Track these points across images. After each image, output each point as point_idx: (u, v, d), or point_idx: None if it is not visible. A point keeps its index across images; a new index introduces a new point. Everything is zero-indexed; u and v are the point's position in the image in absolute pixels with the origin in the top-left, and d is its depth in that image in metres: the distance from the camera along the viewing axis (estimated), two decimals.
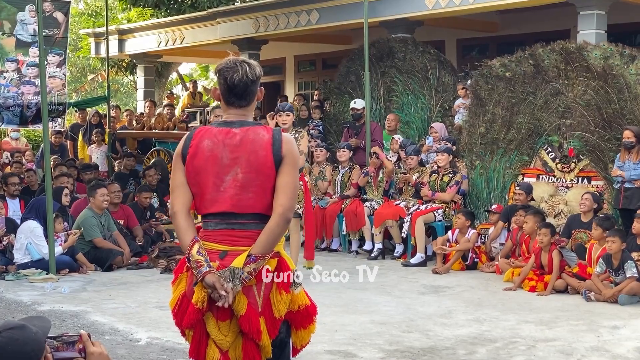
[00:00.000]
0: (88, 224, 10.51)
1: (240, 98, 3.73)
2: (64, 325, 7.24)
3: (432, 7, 13.29)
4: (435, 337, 6.87)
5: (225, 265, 3.59)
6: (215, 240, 3.68)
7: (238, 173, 3.65)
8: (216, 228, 3.70)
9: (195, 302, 3.59)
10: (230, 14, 17.10)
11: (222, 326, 3.62)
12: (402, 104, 13.64)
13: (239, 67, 3.69)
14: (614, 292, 8.16)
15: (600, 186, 10.58)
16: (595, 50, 10.79)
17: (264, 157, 3.64)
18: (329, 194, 12.20)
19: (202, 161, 3.68)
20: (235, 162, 3.65)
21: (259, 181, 3.64)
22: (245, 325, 3.59)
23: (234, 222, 3.67)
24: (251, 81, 3.70)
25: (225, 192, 3.65)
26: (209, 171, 3.67)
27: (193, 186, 3.72)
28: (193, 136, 3.74)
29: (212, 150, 3.67)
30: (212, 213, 3.70)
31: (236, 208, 3.65)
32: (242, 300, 3.58)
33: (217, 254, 3.65)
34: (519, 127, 11.34)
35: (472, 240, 10.25)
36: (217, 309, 3.58)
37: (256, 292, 3.63)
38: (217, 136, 3.69)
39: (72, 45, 27.10)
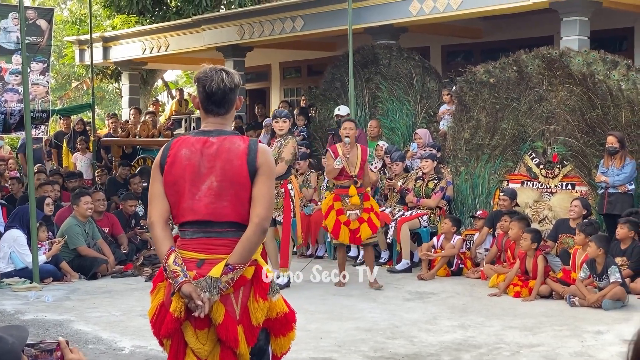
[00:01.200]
0: (72, 232, 10.47)
1: (218, 106, 3.77)
2: (47, 334, 7.19)
3: (417, 14, 13.33)
4: (420, 344, 6.87)
5: (202, 274, 3.59)
6: (193, 249, 3.69)
7: (213, 182, 3.66)
8: (193, 237, 3.71)
9: (173, 312, 3.60)
10: (215, 21, 17.10)
11: (200, 335, 3.63)
12: (387, 110, 13.66)
13: (217, 75, 3.74)
14: (598, 298, 8.18)
15: (584, 192, 10.62)
16: (578, 56, 10.84)
17: (238, 166, 3.66)
18: (314, 201, 12.20)
19: (180, 170, 3.70)
20: (211, 171, 3.67)
21: (234, 190, 3.66)
22: (223, 333, 3.59)
23: (210, 230, 3.68)
24: (229, 89, 3.74)
25: (201, 200, 3.67)
26: (186, 179, 3.69)
27: (171, 195, 3.74)
28: (171, 146, 3.77)
29: (189, 159, 3.70)
30: (189, 221, 3.71)
31: (212, 216, 3.67)
32: (220, 309, 3.59)
33: (195, 262, 3.66)
34: (503, 133, 11.38)
35: (457, 246, 10.26)
36: (195, 317, 3.58)
37: (234, 300, 3.63)
38: (194, 145, 3.72)
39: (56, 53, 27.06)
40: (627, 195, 9.96)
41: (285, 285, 9.51)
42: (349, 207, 9.28)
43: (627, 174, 9.89)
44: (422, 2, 13.18)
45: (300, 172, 12.38)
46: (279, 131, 9.60)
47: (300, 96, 18.57)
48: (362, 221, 9.28)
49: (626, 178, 9.89)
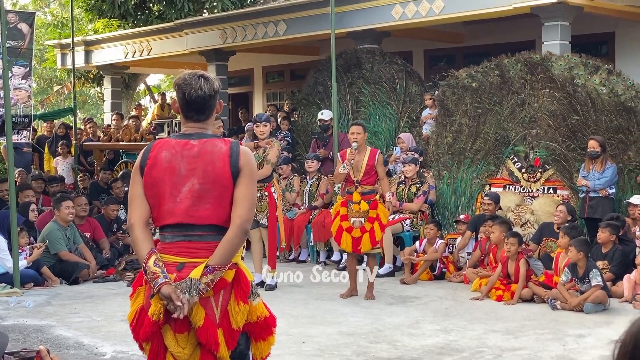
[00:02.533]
0: (53, 237, 10.41)
1: (198, 113, 3.77)
2: (28, 339, 7.15)
3: (399, 18, 13.35)
4: (403, 348, 6.88)
5: (182, 277, 3.58)
6: (173, 253, 3.68)
7: (195, 184, 3.66)
8: (173, 240, 3.70)
9: (152, 315, 3.59)
10: (198, 25, 17.06)
11: (179, 339, 3.62)
12: (369, 114, 13.66)
13: (196, 82, 3.73)
14: (580, 301, 8.22)
15: (565, 195, 10.67)
16: (560, 60, 10.90)
17: (221, 168, 3.65)
18: (297, 205, 12.20)
19: (160, 172, 3.69)
20: (193, 173, 3.66)
21: (216, 192, 3.66)
22: (203, 336, 3.58)
23: (191, 233, 3.68)
24: (209, 96, 3.74)
25: (182, 203, 3.66)
26: (166, 182, 3.68)
27: (151, 198, 3.73)
28: (151, 148, 3.76)
29: (170, 161, 3.69)
30: (169, 225, 3.70)
31: (193, 219, 3.66)
32: (200, 312, 3.58)
33: (175, 266, 3.64)
34: (485, 137, 11.42)
35: (439, 250, 10.28)
36: (174, 321, 3.58)
37: (214, 304, 3.62)
38: (175, 147, 3.71)
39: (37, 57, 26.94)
40: (608, 199, 10.02)
41: (273, 287, 9.52)
42: (354, 213, 9.02)
43: (608, 178, 9.94)
44: (405, 6, 13.21)
45: (283, 177, 12.38)
46: (260, 135, 9.61)
47: (283, 100, 18.55)
48: (365, 231, 8.96)
49: (607, 182, 9.95)
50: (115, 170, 16.00)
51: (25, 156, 16.53)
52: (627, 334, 2.00)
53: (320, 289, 9.57)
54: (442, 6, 12.74)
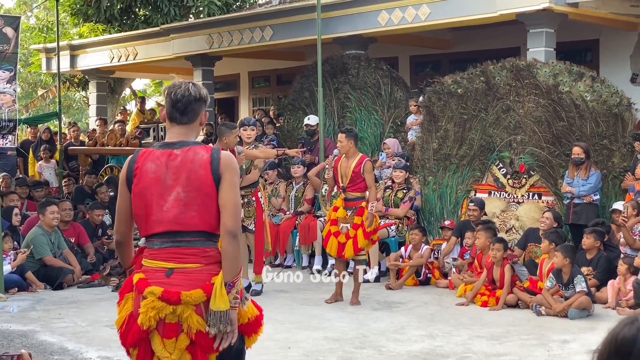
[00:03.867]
0: (37, 241, 10.35)
1: (182, 114, 3.86)
2: (12, 345, 7.11)
3: (385, 24, 13.38)
4: (388, 353, 6.89)
5: (172, 284, 3.68)
6: (161, 259, 3.76)
7: (180, 192, 3.75)
8: (162, 246, 3.78)
9: (141, 324, 3.67)
10: (184, 30, 17.04)
11: (167, 344, 3.70)
12: (355, 119, 13.68)
13: (184, 85, 3.87)
14: (564, 307, 8.25)
15: (550, 202, 10.72)
16: (545, 67, 10.96)
17: (203, 176, 3.75)
18: (282, 210, 12.19)
19: (146, 184, 3.79)
20: (177, 182, 3.76)
21: (200, 200, 3.75)
22: (205, 342, 3.70)
23: (179, 240, 3.76)
24: (194, 98, 3.85)
25: (169, 211, 3.76)
26: (152, 193, 3.78)
27: (138, 209, 3.82)
28: (136, 160, 3.86)
29: (155, 172, 3.79)
30: (158, 233, 3.78)
31: (181, 226, 3.75)
32: (193, 316, 3.69)
33: (164, 271, 3.74)
34: (471, 143, 11.45)
35: (425, 256, 10.30)
36: (162, 326, 3.68)
37: (203, 309, 3.72)
38: (159, 158, 3.81)
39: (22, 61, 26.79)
40: (593, 205, 10.07)
41: (259, 292, 9.52)
42: (342, 219, 9.08)
43: (592, 184, 10.00)
44: (391, 12, 13.25)
45: (269, 182, 12.38)
46: (246, 139, 9.61)
47: (269, 105, 18.55)
48: (349, 237, 8.98)
49: (591, 188, 10.00)
50: (101, 175, 15.95)
51: (10, 160, 16.46)
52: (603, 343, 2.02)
53: (306, 294, 9.57)
54: (428, 12, 12.78)
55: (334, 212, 9.18)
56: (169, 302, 3.67)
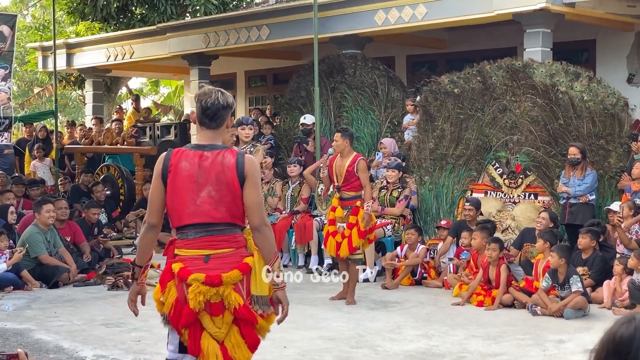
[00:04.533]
0: (33, 240, 10.34)
1: (211, 120, 4.36)
2: (8, 343, 7.10)
3: (382, 24, 13.38)
4: (384, 353, 6.88)
5: (210, 268, 4.22)
6: (197, 247, 4.29)
7: (211, 190, 4.28)
8: (196, 236, 4.30)
9: (193, 308, 4.19)
10: (180, 28, 17.02)
11: (216, 320, 4.23)
12: (352, 119, 13.68)
13: (215, 93, 4.37)
14: (560, 307, 8.26)
15: (546, 202, 10.73)
16: (541, 67, 10.96)
17: (231, 177, 4.28)
18: (279, 210, 12.18)
19: (181, 180, 4.30)
20: (208, 181, 4.28)
21: (229, 197, 4.29)
22: (244, 313, 4.25)
23: (212, 229, 4.29)
24: (222, 106, 4.36)
25: (202, 206, 4.28)
26: (187, 189, 4.29)
27: (173, 202, 4.32)
28: (170, 157, 4.35)
29: (189, 170, 4.29)
30: (192, 224, 4.30)
31: (213, 219, 4.28)
32: (234, 295, 4.22)
33: (201, 258, 4.27)
34: (467, 143, 11.46)
35: (421, 256, 10.30)
36: (209, 306, 4.22)
37: (241, 287, 4.28)
38: (192, 158, 4.31)
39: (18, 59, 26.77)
40: (589, 205, 10.08)
41: None
42: (339, 219, 9.08)
43: (588, 184, 10.00)
44: (388, 12, 13.24)
45: (265, 181, 12.37)
46: (244, 138, 9.58)
47: (266, 105, 18.54)
48: (344, 237, 9.00)
49: (587, 188, 10.01)
50: (97, 174, 15.94)
51: (8, 158, 16.44)
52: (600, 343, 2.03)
53: (302, 294, 9.56)
54: (425, 12, 12.78)
55: (332, 212, 9.20)
56: (213, 285, 4.18)
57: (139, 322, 8.02)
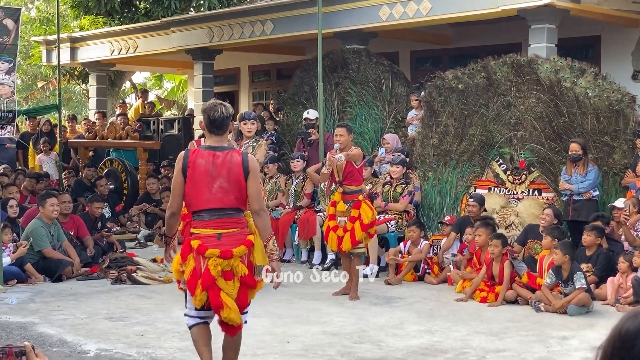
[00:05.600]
0: (37, 234, 10.34)
1: (218, 128, 5.58)
2: (11, 336, 7.11)
3: (386, 19, 13.36)
4: (387, 348, 6.88)
5: (222, 244, 5.40)
6: (211, 227, 5.46)
7: (223, 182, 5.46)
8: (211, 218, 5.48)
9: (215, 275, 5.35)
10: (185, 23, 17.02)
11: (229, 283, 5.42)
12: (355, 115, 13.67)
13: (220, 107, 5.54)
14: (564, 303, 8.25)
15: (550, 198, 10.71)
16: (546, 63, 10.93)
17: (237, 172, 5.48)
18: (282, 205, 12.17)
19: (198, 174, 5.47)
20: (219, 175, 5.46)
21: (236, 188, 5.48)
22: (248, 280, 5.48)
23: (223, 213, 5.48)
24: (226, 117, 5.55)
25: (216, 194, 5.45)
26: (203, 181, 5.46)
27: (192, 190, 5.47)
28: (189, 156, 5.53)
29: (204, 166, 5.47)
30: (207, 209, 5.47)
31: (224, 204, 5.47)
32: (241, 265, 5.43)
33: (215, 236, 5.43)
34: (471, 138, 11.44)
35: (424, 251, 10.29)
36: (223, 274, 5.38)
37: (245, 259, 5.49)
38: (207, 157, 5.50)
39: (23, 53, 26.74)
40: (592, 201, 10.06)
41: None
42: (339, 213, 9.10)
43: (591, 180, 9.99)
44: (392, 7, 13.22)
45: (269, 176, 12.37)
46: (247, 133, 9.58)
47: (269, 100, 18.53)
48: (346, 230, 9.00)
49: (590, 185, 9.99)
50: (100, 168, 15.94)
51: (8, 152, 16.45)
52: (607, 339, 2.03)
53: (304, 289, 9.57)
54: (429, 7, 12.76)
55: (332, 207, 9.21)
56: (226, 257, 5.38)
57: (142, 316, 8.04)
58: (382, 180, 11.49)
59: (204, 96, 17.00)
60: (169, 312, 8.16)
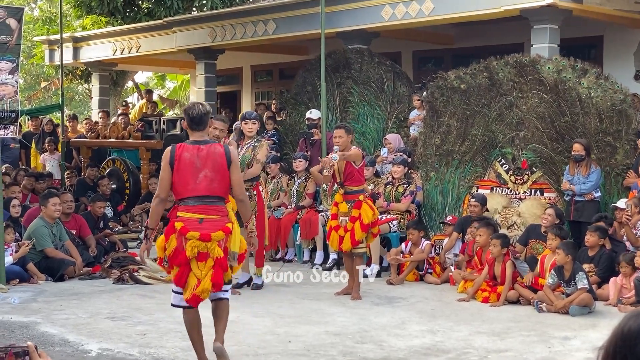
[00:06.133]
0: (39, 233, 10.35)
1: (198, 124, 6.20)
2: (13, 336, 7.12)
3: (389, 19, 13.36)
4: (389, 348, 6.88)
5: (203, 228, 5.94)
6: (195, 212, 6.02)
7: (208, 172, 6.04)
8: (195, 204, 6.04)
9: (189, 255, 5.91)
10: (187, 23, 17.03)
11: (200, 265, 5.94)
12: (358, 114, 13.67)
13: (196, 106, 6.21)
14: (565, 303, 8.24)
15: (552, 198, 10.70)
16: (548, 63, 10.93)
17: (221, 162, 6.09)
18: (284, 205, 12.18)
19: (183, 165, 6.04)
20: (204, 165, 6.05)
21: (220, 177, 6.07)
22: (222, 262, 5.98)
23: (207, 200, 6.05)
24: (204, 114, 6.17)
25: (201, 183, 6.03)
26: (189, 172, 6.04)
27: (178, 180, 6.04)
28: (175, 150, 6.11)
29: (189, 159, 6.06)
30: (193, 196, 6.04)
31: (208, 192, 6.04)
32: (218, 249, 5.93)
33: (197, 220, 5.98)
34: (473, 139, 11.43)
35: (425, 251, 10.28)
36: (198, 255, 5.91)
37: (222, 244, 6.00)
38: (192, 151, 6.09)
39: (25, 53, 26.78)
40: (594, 202, 10.05)
41: (260, 285, 9.53)
42: (341, 212, 9.10)
43: (593, 182, 9.98)
44: (394, 7, 13.23)
45: (271, 176, 12.37)
46: (248, 132, 9.59)
47: (272, 100, 18.54)
48: (347, 230, 9.01)
49: (592, 186, 9.98)
50: (103, 168, 15.95)
51: (12, 152, 16.47)
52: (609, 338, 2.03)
53: (306, 289, 9.57)
54: (432, 7, 12.77)
55: (334, 207, 9.23)
56: (204, 240, 5.90)
57: (144, 316, 8.05)
58: (384, 180, 11.49)
59: (207, 96, 17.01)
60: (171, 312, 8.13)
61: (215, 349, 6.08)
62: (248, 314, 8.15)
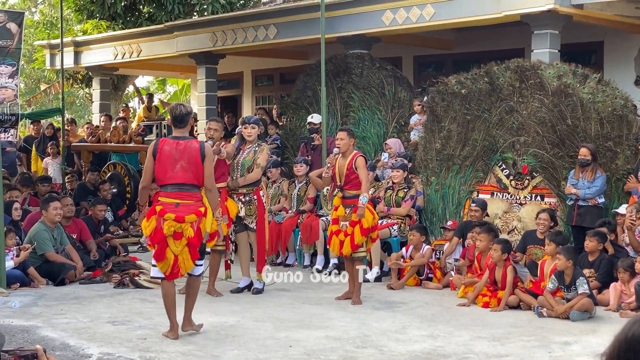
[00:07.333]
0: (40, 237, 10.35)
1: (180, 123, 7.26)
2: (14, 340, 7.11)
3: (389, 24, 13.38)
4: (390, 353, 6.88)
5: (179, 211, 7.04)
6: (172, 197, 7.10)
7: (183, 164, 7.09)
8: (172, 190, 7.11)
9: (166, 233, 7.03)
10: (188, 27, 17.05)
11: (176, 242, 7.07)
12: (358, 119, 13.68)
13: (179, 107, 7.27)
14: (566, 308, 8.24)
15: (553, 203, 10.70)
16: (549, 69, 10.94)
17: (195, 156, 7.13)
18: (285, 209, 12.18)
19: (164, 157, 7.10)
20: (181, 157, 7.10)
21: (194, 168, 7.12)
22: (194, 240, 7.10)
23: (183, 187, 7.12)
24: (185, 114, 7.22)
25: (177, 173, 7.09)
26: (168, 162, 7.09)
27: (159, 170, 7.10)
28: (158, 144, 7.20)
29: (169, 151, 7.11)
30: (171, 183, 7.10)
31: (184, 180, 7.10)
32: (190, 229, 7.05)
33: (174, 205, 7.04)
34: (474, 143, 11.44)
35: (426, 256, 10.28)
36: (174, 234, 7.02)
37: (195, 225, 7.11)
38: (172, 145, 7.15)
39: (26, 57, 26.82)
40: (597, 207, 10.05)
41: (261, 290, 9.52)
42: (341, 217, 9.12)
43: (598, 187, 9.97)
44: (395, 12, 13.25)
45: (272, 180, 12.38)
46: (247, 137, 9.60)
47: (272, 104, 18.54)
48: (347, 235, 9.02)
49: (597, 192, 9.98)
50: (103, 172, 15.96)
51: (9, 156, 16.45)
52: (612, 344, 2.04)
53: (307, 293, 9.57)
54: (433, 12, 12.78)
55: (335, 211, 9.23)
56: (179, 222, 7.00)
57: (145, 320, 8.05)
58: (384, 185, 11.49)
59: (207, 100, 17.03)
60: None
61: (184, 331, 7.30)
62: (249, 318, 8.16)
